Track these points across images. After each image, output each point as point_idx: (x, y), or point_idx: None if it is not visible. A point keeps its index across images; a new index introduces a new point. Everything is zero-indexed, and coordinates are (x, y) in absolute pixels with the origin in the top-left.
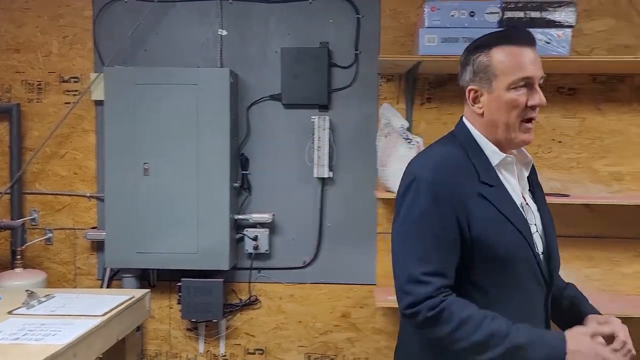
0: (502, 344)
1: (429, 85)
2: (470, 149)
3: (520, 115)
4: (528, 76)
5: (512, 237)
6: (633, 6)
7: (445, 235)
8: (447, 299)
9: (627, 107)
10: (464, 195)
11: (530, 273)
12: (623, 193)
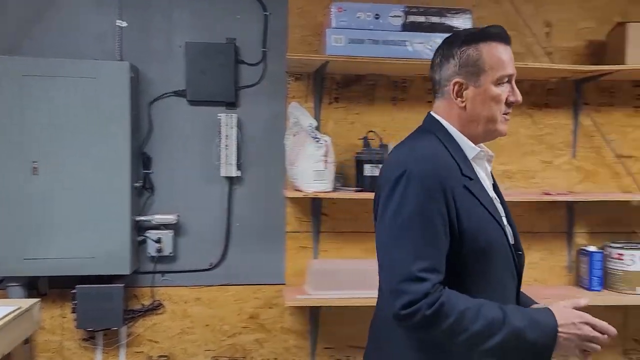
0: (501, 330)
1: (336, 85)
2: (448, 143)
3: (502, 110)
4: (512, 73)
5: (492, 229)
6: (520, 16)
7: (438, 230)
8: (443, 293)
9: (517, 111)
10: (452, 189)
11: (506, 265)
12: (513, 190)
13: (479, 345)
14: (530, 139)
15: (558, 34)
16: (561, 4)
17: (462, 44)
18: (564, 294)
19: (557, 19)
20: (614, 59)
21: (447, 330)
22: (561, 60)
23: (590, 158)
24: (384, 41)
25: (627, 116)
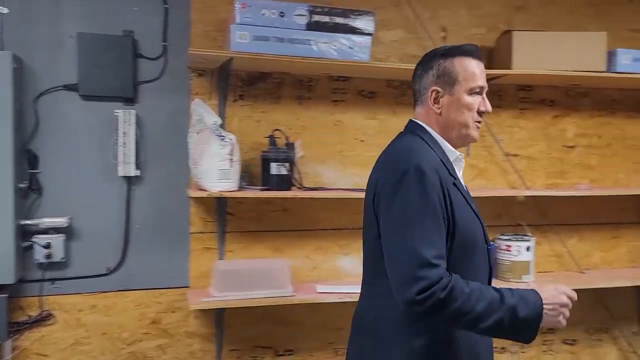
0: (500, 308)
1: (241, 82)
2: (434, 146)
3: (474, 117)
4: (483, 85)
5: (475, 225)
6: (419, 20)
7: (441, 221)
8: (453, 278)
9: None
10: (447, 185)
11: (483, 258)
12: None
13: (481, 323)
14: None
15: (453, 38)
16: (455, 11)
17: (440, 57)
18: None
19: (452, 25)
20: (502, 64)
21: (456, 311)
22: None
23: (482, 156)
24: (289, 39)
25: (514, 117)
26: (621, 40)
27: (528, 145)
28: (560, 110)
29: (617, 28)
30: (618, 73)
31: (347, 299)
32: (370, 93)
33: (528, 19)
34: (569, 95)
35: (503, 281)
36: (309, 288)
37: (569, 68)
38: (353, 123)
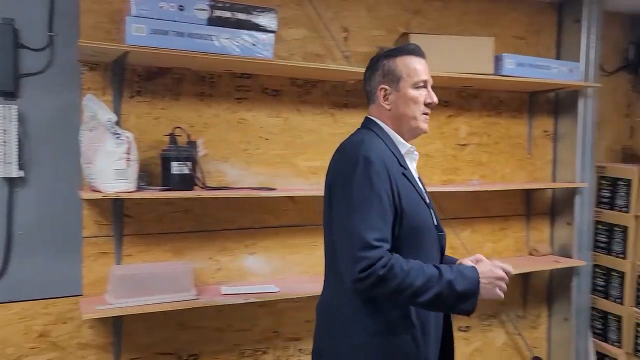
0: (438, 283)
1: (138, 78)
2: (386, 140)
3: (421, 110)
4: (425, 79)
5: (424, 211)
6: (321, 20)
7: (386, 206)
8: (393, 257)
9: (319, 109)
10: (394, 175)
11: (433, 241)
12: (318, 185)
13: (420, 297)
14: (332, 136)
15: (354, 39)
16: (355, 12)
17: (384, 58)
18: None
19: (353, 26)
20: None
21: (396, 286)
22: (358, 64)
23: None
24: (189, 34)
25: None
26: (506, 45)
27: (426, 143)
28: (453, 110)
29: (502, 34)
30: (504, 76)
31: (253, 300)
32: (274, 91)
33: (424, 23)
34: (462, 96)
35: None
36: (213, 290)
37: (461, 70)
38: (257, 121)
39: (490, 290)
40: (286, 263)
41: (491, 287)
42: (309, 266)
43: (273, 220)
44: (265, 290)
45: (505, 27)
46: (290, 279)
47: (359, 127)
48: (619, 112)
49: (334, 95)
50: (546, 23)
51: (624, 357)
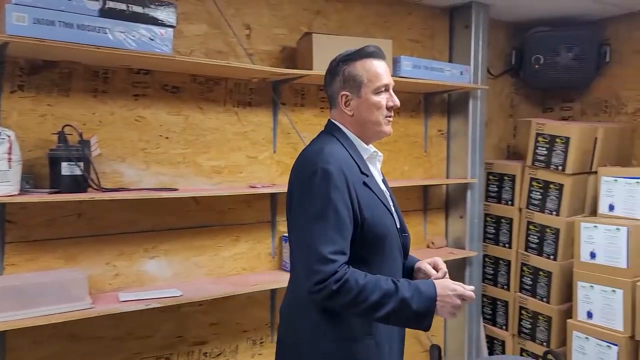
0: (393, 299)
1: (20, 71)
2: (348, 146)
3: (383, 114)
4: (387, 83)
5: (386, 218)
6: (223, 16)
7: (344, 219)
8: (348, 271)
9: (222, 107)
10: (354, 184)
11: (396, 245)
12: (222, 184)
13: (375, 312)
14: (236, 135)
15: (257, 37)
16: (257, 10)
17: (343, 63)
18: (268, 279)
19: (255, 24)
20: (304, 64)
21: (350, 301)
22: (261, 62)
23: (288, 153)
24: (79, 25)
25: (315, 116)
26: (403, 48)
27: None
28: None
29: (399, 37)
30: (402, 77)
31: (154, 305)
32: (175, 88)
33: (325, 24)
34: None
35: None
36: (110, 298)
37: None
38: (156, 119)
39: (446, 311)
40: (190, 266)
41: (447, 309)
42: (213, 268)
43: (175, 222)
44: (168, 295)
45: (401, 31)
46: (195, 282)
47: (322, 130)
48: (503, 112)
49: (238, 93)
50: (440, 28)
51: (510, 338)
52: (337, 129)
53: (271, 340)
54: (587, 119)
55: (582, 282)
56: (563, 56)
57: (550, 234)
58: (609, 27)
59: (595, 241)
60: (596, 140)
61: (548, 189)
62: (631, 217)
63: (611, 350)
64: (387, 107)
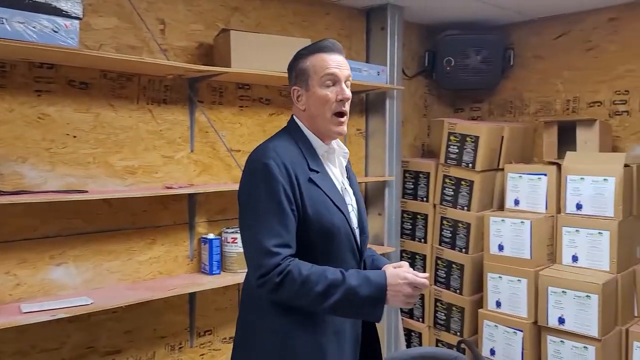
0: (340, 289)
1: None
2: (300, 141)
3: (332, 109)
4: (332, 73)
5: (335, 215)
6: (135, 9)
7: (287, 212)
8: (291, 263)
9: (136, 105)
10: (298, 180)
11: (347, 244)
12: (137, 185)
13: (322, 303)
14: (150, 134)
15: (172, 32)
16: (172, 5)
17: (296, 59)
18: (188, 282)
19: (170, 19)
20: (221, 62)
21: (295, 293)
22: (176, 58)
23: (206, 152)
24: None
25: (234, 114)
26: None
27: (249, 141)
28: (275, 109)
29: (317, 37)
30: None
31: (61, 315)
32: (83, 84)
33: (243, 21)
34: (282, 95)
35: (231, 273)
36: (11, 309)
37: (280, 70)
38: (62, 117)
39: (398, 301)
40: (102, 272)
41: (399, 298)
42: (128, 273)
43: (85, 226)
44: (76, 304)
45: (319, 30)
46: (107, 288)
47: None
48: (418, 112)
49: (152, 90)
50: (357, 28)
51: (427, 330)
52: (294, 125)
53: (190, 345)
54: (494, 119)
55: (491, 273)
56: (472, 59)
57: (462, 228)
58: (513, 32)
59: (503, 234)
60: (502, 139)
61: (460, 186)
62: (534, 211)
63: (517, 335)
64: (337, 101)
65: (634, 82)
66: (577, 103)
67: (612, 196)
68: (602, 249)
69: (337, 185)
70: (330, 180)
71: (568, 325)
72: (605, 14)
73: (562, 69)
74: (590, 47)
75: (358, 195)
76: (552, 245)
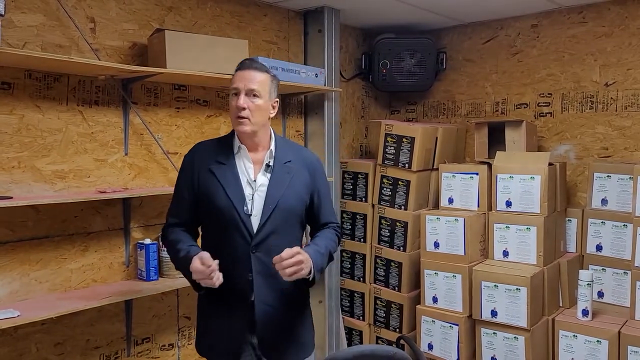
0: (175, 257)
1: None
2: (224, 140)
3: (234, 114)
4: (236, 87)
5: (223, 201)
6: (62, 6)
7: (184, 195)
8: (168, 229)
9: (65, 107)
10: (199, 170)
11: (235, 229)
12: (67, 190)
13: (174, 262)
14: (81, 136)
15: (103, 31)
16: (101, 2)
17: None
18: (123, 290)
19: (101, 17)
20: (156, 62)
21: (166, 250)
22: (108, 58)
23: (141, 155)
24: None
25: (170, 116)
26: (259, 49)
27: (186, 143)
28: (213, 110)
29: (255, 38)
30: None
31: None
32: (5, 84)
33: (178, 21)
34: (220, 97)
35: (168, 278)
36: None
37: (218, 71)
38: None
39: (200, 279)
40: (29, 282)
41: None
42: (58, 282)
43: (9, 235)
44: (1, 317)
45: (257, 32)
46: (36, 299)
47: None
48: (356, 114)
49: (82, 91)
50: (294, 30)
51: (367, 328)
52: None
53: (127, 354)
54: (429, 120)
55: (428, 270)
56: (407, 62)
57: (399, 227)
58: (445, 36)
59: (439, 232)
60: (437, 139)
61: (397, 186)
62: (467, 209)
63: (453, 329)
64: (235, 107)
65: (555, 86)
66: (505, 105)
67: (538, 193)
68: (529, 243)
69: (242, 176)
70: (233, 171)
71: (500, 317)
72: (527, 21)
73: (491, 72)
74: (516, 51)
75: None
76: (484, 242)
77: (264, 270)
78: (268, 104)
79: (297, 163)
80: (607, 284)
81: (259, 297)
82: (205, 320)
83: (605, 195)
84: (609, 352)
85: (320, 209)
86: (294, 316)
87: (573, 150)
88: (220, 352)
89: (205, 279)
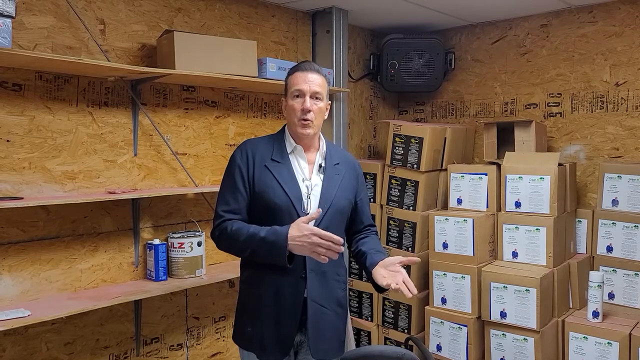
0: (254, 238)
1: None
2: (276, 139)
3: (297, 116)
4: (300, 89)
5: (280, 197)
6: (72, 8)
7: (239, 188)
8: (228, 222)
9: (75, 108)
10: (255, 164)
11: (290, 222)
12: (77, 191)
13: (245, 250)
14: (91, 137)
15: (112, 33)
16: (112, 4)
17: (287, 75)
18: (132, 290)
19: (110, 19)
20: (165, 63)
21: (227, 243)
22: (117, 60)
23: (150, 155)
24: None
25: (179, 117)
26: (267, 50)
27: (194, 144)
28: (221, 111)
29: (263, 39)
30: (267, 79)
31: None
32: (16, 85)
33: (187, 22)
34: (229, 97)
35: (177, 278)
36: None
37: (226, 72)
38: None
39: (306, 250)
40: (40, 281)
41: (305, 247)
42: (67, 282)
43: (21, 235)
44: (12, 316)
45: (265, 33)
46: (46, 298)
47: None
48: (364, 114)
49: (92, 92)
50: (303, 31)
51: (376, 329)
52: (282, 128)
53: (136, 354)
54: (437, 120)
55: (436, 270)
56: (415, 62)
57: (408, 227)
58: (453, 36)
59: (447, 233)
60: (445, 140)
61: (405, 186)
62: (476, 210)
63: (461, 331)
64: (300, 110)
65: (564, 86)
66: (514, 105)
67: (547, 194)
68: (539, 244)
69: (298, 175)
70: (289, 169)
71: (509, 318)
72: (537, 20)
73: (500, 72)
74: (525, 51)
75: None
76: (493, 242)
77: (317, 268)
78: (325, 107)
79: (344, 165)
80: (617, 285)
81: (311, 294)
82: (253, 314)
83: (616, 196)
84: (619, 354)
85: (363, 211)
86: (339, 315)
87: (583, 151)
88: (268, 346)
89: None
